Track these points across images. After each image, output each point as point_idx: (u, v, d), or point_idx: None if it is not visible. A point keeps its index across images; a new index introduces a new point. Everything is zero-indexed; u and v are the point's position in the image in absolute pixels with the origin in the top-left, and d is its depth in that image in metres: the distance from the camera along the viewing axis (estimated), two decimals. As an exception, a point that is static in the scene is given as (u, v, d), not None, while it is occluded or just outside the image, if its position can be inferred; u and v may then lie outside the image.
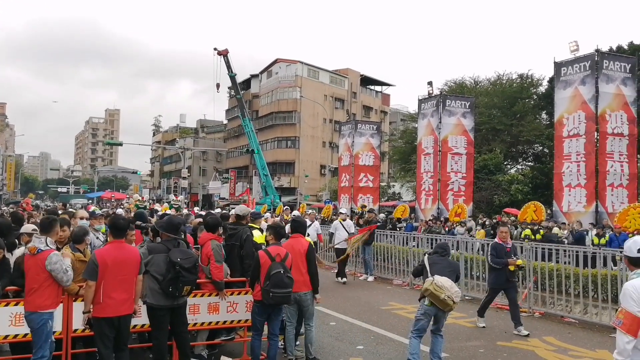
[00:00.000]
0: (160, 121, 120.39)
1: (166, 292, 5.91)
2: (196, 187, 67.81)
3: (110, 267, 5.51)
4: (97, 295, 5.50)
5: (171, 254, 5.98)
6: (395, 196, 47.04)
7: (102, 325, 5.51)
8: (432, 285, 6.72)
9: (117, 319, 5.55)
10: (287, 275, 6.48)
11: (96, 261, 5.49)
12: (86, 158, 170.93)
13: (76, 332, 6.07)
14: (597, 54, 19.99)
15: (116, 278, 5.54)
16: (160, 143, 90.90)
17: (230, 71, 47.37)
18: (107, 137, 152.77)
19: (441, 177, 26.00)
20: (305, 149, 61.46)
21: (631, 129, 19.92)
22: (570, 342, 8.52)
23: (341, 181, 33.94)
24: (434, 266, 7.11)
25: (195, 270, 6.13)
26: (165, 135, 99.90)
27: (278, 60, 64.59)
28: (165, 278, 5.90)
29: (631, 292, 3.48)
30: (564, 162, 20.24)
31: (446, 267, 7.15)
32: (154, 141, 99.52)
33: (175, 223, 6.43)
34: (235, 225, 8.07)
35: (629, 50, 30.67)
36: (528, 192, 30.83)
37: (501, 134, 38.07)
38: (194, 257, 6.19)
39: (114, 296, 5.52)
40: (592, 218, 18.94)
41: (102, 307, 5.50)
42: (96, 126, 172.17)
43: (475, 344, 8.42)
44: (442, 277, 6.84)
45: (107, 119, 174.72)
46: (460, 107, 26.68)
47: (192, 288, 6.16)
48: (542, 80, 40.08)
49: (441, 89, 39.89)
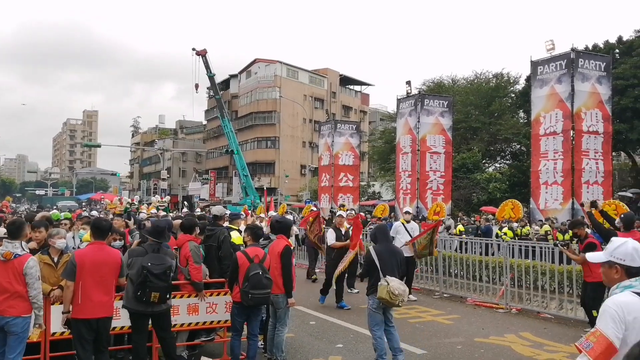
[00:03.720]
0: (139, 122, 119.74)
1: (135, 297, 5.85)
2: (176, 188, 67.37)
3: (88, 268, 5.49)
4: (76, 297, 5.48)
5: (144, 258, 5.93)
6: (375, 195, 47.26)
7: (80, 327, 5.49)
8: (388, 294, 6.60)
9: (95, 321, 5.53)
10: (266, 276, 6.49)
11: (75, 261, 5.49)
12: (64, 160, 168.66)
13: (54, 335, 6.03)
14: (573, 53, 20.30)
15: (95, 279, 5.52)
16: (139, 144, 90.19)
17: (209, 71, 47.16)
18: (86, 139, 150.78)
19: (420, 176, 26.21)
20: (285, 149, 61.42)
21: (606, 127, 20.26)
22: (546, 338, 8.66)
23: (321, 181, 34.00)
24: (384, 262, 6.88)
25: (166, 278, 5.93)
26: (144, 136, 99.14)
27: (257, 60, 64.46)
28: (135, 282, 5.87)
29: (614, 313, 2.73)
30: (541, 160, 20.54)
31: (393, 258, 7.00)
32: (133, 142, 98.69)
33: (160, 228, 6.35)
34: (212, 226, 8.06)
35: (605, 49, 31.12)
36: (506, 190, 31.20)
37: (479, 132, 38.45)
38: (167, 264, 5.99)
39: (93, 298, 5.51)
40: (568, 215, 19.22)
41: (80, 309, 5.49)
42: (74, 128, 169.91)
43: (453, 340, 8.51)
44: (394, 280, 6.71)
45: (86, 120, 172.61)
46: (438, 106, 26.92)
47: (165, 296, 5.96)
48: (518, 78, 40.62)
49: (419, 88, 40.23)
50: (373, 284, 6.87)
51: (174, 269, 6.19)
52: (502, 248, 12.19)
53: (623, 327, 2.69)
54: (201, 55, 46.73)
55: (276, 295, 6.79)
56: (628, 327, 2.69)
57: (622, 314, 2.70)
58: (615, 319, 2.70)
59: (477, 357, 7.66)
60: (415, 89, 32.63)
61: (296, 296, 8.97)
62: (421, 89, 39.90)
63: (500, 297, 11.32)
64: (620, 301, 2.77)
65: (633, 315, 2.72)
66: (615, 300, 2.79)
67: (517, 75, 41.11)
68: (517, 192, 29.89)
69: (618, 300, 2.78)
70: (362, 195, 39.71)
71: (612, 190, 21.21)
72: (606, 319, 2.73)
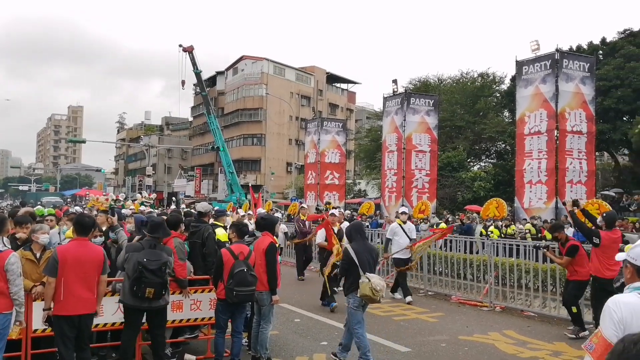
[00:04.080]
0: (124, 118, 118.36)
1: (131, 292, 5.88)
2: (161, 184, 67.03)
3: (70, 264, 5.43)
4: (58, 293, 5.40)
5: (140, 254, 5.95)
6: (361, 193, 47.35)
7: (62, 324, 5.43)
8: (371, 290, 6.63)
9: (77, 317, 5.46)
10: (251, 274, 6.48)
11: (57, 257, 5.42)
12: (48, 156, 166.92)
13: (36, 333, 5.97)
14: (557, 53, 20.45)
15: (77, 276, 5.45)
16: (124, 140, 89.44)
17: (196, 68, 46.86)
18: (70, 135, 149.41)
19: (405, 174, 26.28)
20: (271, 147, 61.31)
21: (589, 126, 20.45)
22: (530, 335, 8.72)
23: (307, 178, 33.99)
24: (361, 259, 6.87)
25: (161, 274, 5.92)
26: (129, 132, 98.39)
27: (244, 57, 64.23)
28: (131, 278, 5.89)
29: (612, 311, 2.72)
30: (525, 160, 20.68)
31: (370, 255, 7.00)
32: (118, 139, 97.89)
33: (156, 224, 6.35)
34: (197, 222, 8.02)
35: (588, 50, 31.43)
36: (490, 188, 31.41)
37: (464, 131, 38.65)
38: (162, 259, 5.98)
39: (75, 294, 5.44)
40: (552, 214, 19.38)
41: (62, 305, 5.42)
42: (59, 123, 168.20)
43: (438, 338, 8.54)
44: (374, 276, 6.76)
45: (70, 116, 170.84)
46: (424, 105, 27.01)
47: (160, 292, 5.94)
48: (504, 78, 40.90)
49: (406, 87, 40.33)
50: (352, 283, 6.83)
51: (170, 265, 6.15)
52: (486, 246, 12.26)
53: (622, 327, 2.63)
54: (188, 52, 46.40)
55: (260, 293, 6.76)
56: (627, 327, 2.62)
57: (620, 314, 2.67)
58: (614, 319, 2.67)
59: (460, 355, 7.70)
60: (402, 88, 32.71)
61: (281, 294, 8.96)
62: (407, 88, 40.02)
63: (484, 295, 11.40)
64: (620, 301, 2.74)
65: (632, 314, 2.68)
66: (616, 299, 2.76)
67: (503, 75, 41.46)
68: (501, 191, 30.10)
69: (619, 300, 2.76)
70: (348, 193, 39.78)
71: (595, 190, 21.42)
72: (605, 319, 2.71)
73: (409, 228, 12.14)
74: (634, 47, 31.33)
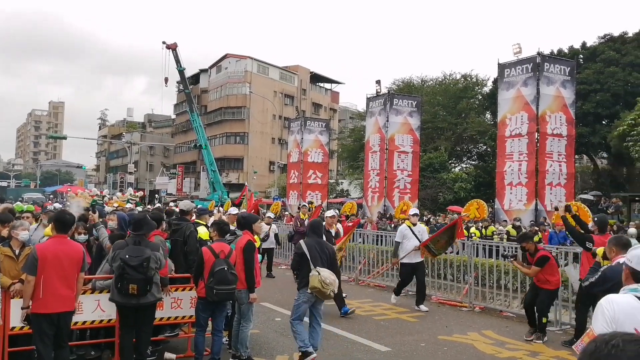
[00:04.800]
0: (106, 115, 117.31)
1: (117, 289, 5.91)
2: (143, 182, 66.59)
3: (50, 262, 5.39)
4: (37, 291, 5.36)
5: (123, 251, 5.96)
6: (343, 193, 47.46)
7: (41, 322, 5.39)
8: (320, 283, 6.68)
9: (56, 315, 5.43)
10: (231, 272, 6.48)
11: (36, 255, 5.38)
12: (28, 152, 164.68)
13: (14, 330, 5.91)
14: (539, 57, 20.65)
15: (57, 273, 5.42)
16: (106, 137, 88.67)
17: (179, 65, 46.59)
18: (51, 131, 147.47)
19: (388, 174, 26.40)
20: (254, 145, 61.19)
21: (569, 130, 20.69)
22: (508, 336, 8.83)
23: (290, 178, 33.97)
24: (313, 254, 6.94)
25: (143, 270, 5.91)
26: (111, 129, 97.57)
27: (227, 56, 64.03)
28: (115, 275, 5.92)
29: (604, 309, 2.70)
30: (506, 161, 20.86)
31: (323, 252, 7.04)
32: (100, 135, 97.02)
33: (137, 220, 6.40)
34: (179, 220, 8.00)
35: (569, 54, 31.87)
36: (471, 190, 31.72)
37: (446, 132, 38.94)
38: (144, 255, 5.96)
39: (55, 292, 5.41)
40: (532, 216, 19.59)
41: (41, 303, 5.37)
42: (39, 119, 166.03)
43: (417, 338, 8.61)
44: (324, 270, 6.81)
45: (51, 111, 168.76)
46: (407, 106, 27.16)
47: (145, 288, 5.93)
48: (486, 80, 41.26)
49: (389, 87, 40.52)
50: (304, 277, 6.92)
51: (157, 260, 6.11)
52: (466, 247, 12.37)
53: (614, 325, 2.61)
54: (171, 49, 46.13)
55: (239, 291, 6.78)
56: (619, 326, 2.59)
57: (612, 312, 2.65)
58: (606, 317, 2.66)
59: (440, 355, 7.77)
60: (385, 88, 32.89)
61: (262, 293, 8.98)
62: (391, 89, 40.21)
63: (464, 295, 11.50)
64: (614, 300, 2.73)
65: (624, 314, 2.66)
66: (609, 298, 2.74)
67: (486, 78, 41.81)
68: (482, 192, 30.43)
69: (613, 299, 2.74)
70: (330, 193, 39.85)
71: (574, 193, 21.69)
72: (598, 317, 2.71)
73: (420, 230, 11.34)
74: (614, 52, 31.84)
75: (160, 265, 6.19)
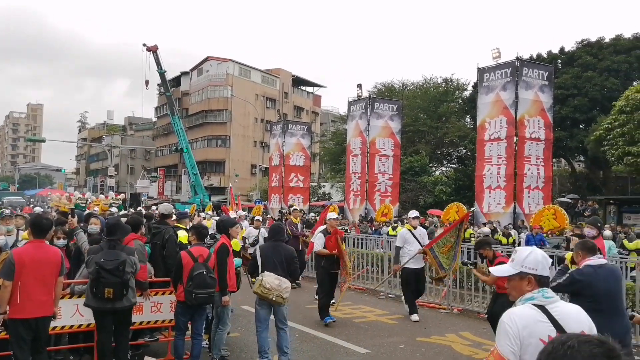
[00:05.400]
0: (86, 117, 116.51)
1: (92, 294, 5.88)
2: (124, 185, 65.97)
3: (28, 267, 5.35)
4: (15, 296, 5.32)
5: (98, 255, 5.94)
6: (325, 196, 47.52)
7: (18, 327, 5.35)
8: (260, 288, 6.69)
9: (34, 320, 5.39)
10: (210, 276, 6.52)
11: (13, 260, 5.33)
12: (6, 154, 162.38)
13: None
14: (518, 62, 20.96)
15: (35, 278, 5.38)
16: (86, 140, 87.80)
17: (160, 68, 46.39)
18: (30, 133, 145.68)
19: (369, 177, 26.56)
20: (236, 148, 61.05)
21: (547, 134, 21.01)
22: (485, 337, 8.94)
23: (272, 181, 34.01)
24: (265, 258, 6.93)
25: (119, 273, 5.90)
26: (91, 132, 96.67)
27: (209, 58, 63.82)
28: (90, 279, 5.90)
29: (507, 327, 2.61)
30: (485, 165, 21.11)
31: (277, 255, 6.96)
32: (80, 138, 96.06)
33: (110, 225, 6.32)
34: (158, 224, 8.00)
35: (548, 59, 32.35)
36: (451, 193, 32.02)
37: (426, 136, 39.26)
38: (120, 259, 5.96)
39: (33, 297, 5.37)
40: (510, 218, 19.85)
41: (19, 308, 5.33)
42: (17, 121, 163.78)
43: (396, 339, 8.71)
44: (270, 274, 6.75)
45: (30, 114, 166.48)
46: (388, 110, 27.37)
47: (121, 291, 5.92)
48: (467, 85, 41.66)
49: (371, 91, 40.77)
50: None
51: (133, 264, 6.09)
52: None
53: (518, 342, 2.57)
54: (152, 51, 45.91)
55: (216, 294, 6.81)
56: (523, 341, 2.58)
57: (515, 329, 2.59)
58: (509, 334, 2.59)
59: (418, 356, 7.87)
60: (367, 92, 33.11)
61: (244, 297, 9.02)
62: (372, 92, 40.45)
63: (442, 297, 11.63)
64: (515, 314, 2.67)
65: (528, 329, 2.60)
66: (510, 313, 2.68)
67: (466, 82, 42.21)
68: (462, 195, 30.70)
69: (513, 313, 2.68)
70: (312, 196, 39.91)
71: (552, 196, 22.03)
72: (501, 335, 2.64)
73: (421, 233, 10.84)
74: (591, 57, 32.40)
75: (135, 270, 6.18)
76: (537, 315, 2.66)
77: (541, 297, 2.75)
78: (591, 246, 5.34)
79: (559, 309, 2.70)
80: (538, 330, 2.60)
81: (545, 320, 2.64)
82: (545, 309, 2.68)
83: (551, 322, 2.63)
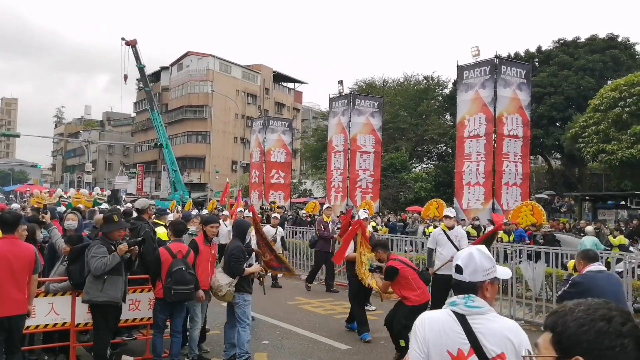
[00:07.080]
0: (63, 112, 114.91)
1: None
2: (102, 182, 65.33)
3: (0, 264, 5.20)
4: (-15, 294, 5.19)
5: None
6: (306, 193, 47.49)
7: (-10, 326, 5.22)
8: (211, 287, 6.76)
9: (7, 319, 5.22)
10: (189, 272, 6.45)
11: None
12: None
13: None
14: (497, 60, 21.10)
15: (6, 275, 5.21)
16: (62, 135, 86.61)
17: (139, 62, 45.93)
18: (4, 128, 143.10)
19: (350, 174, 26.58)
20: (216, 144, 60.71)
21: (525, 131, 21.20)
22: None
23: (252, 177, 33.88)
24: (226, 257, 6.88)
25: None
26: (68, 127, 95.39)
27: (189, 53, 63.37)
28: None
29: (416, 329, 2.50)
30: (464, 162, 21.23)
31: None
32: (56, 133, 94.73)
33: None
34: (135, 220, 7.90)
35: (525, 58, 32.64)
36: (431, 189, 32.18)
37: (407, 132, 39.42)
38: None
39: (5, 295, 5.21)
40: (489, 215, 19.94)
41: (-9, 307, 5.20)
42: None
43: (376, 335, 8.71)
44: (218, 272, 6.77)
45: (4, 108, 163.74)
46: (369, 106, 27.39)
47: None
48: (447, 82, 41.90)
49: (352, 88, 40.79)
50: None
51: None
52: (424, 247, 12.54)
53: (425, 349, 2.45)
54: (131, 46, 45.43)
55: None
56: (429, 345, 2.45)
57: (422, 332, 2.47)
58: (418, 338, 2.47)
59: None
60: (348, 89, 33.11)
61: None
62: (353, 89, 40.47)
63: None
64: (427, 318, 2.53)
65: (434, 332, 2.47)
66: (422, 317, 2.55)
67: (447, 79, 42.44)
68: (442, 192, 30.87)
69: (424, 317, 2.55)
70: (293, 193, 39.84)
71: (529, 192, 22.23)
72: (412, 339, 2.52)
73: (457, 234, 9.13)
74: (567, 56, 32.79)
75: None
76: (452, 324, 2.46)
77: (463, 305, 2.49)
78: (593, 255, 5.71)
79: (482, 324, 2.45)
80: (448, 340, 2.44)
81: (460, 332, 2.43)
82: (465, 319, 2.46)
83: (466, 335, 2.42)
